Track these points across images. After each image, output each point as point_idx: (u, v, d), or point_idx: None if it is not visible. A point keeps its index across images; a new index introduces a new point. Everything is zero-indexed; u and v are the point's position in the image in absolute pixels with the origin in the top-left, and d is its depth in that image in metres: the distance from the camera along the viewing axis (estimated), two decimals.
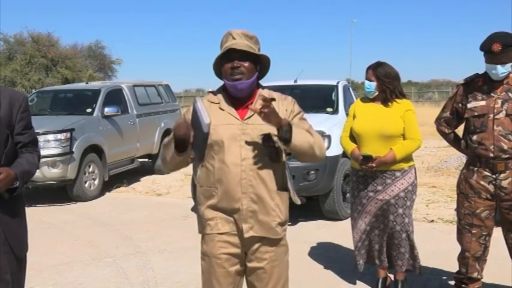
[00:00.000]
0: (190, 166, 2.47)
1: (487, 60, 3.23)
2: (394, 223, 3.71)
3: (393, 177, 3.68)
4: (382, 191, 3.69)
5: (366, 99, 3.88)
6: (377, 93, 3.75)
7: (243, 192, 2.29)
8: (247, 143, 2.29)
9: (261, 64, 2.38)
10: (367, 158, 3.61)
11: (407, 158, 3.72)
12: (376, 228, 3.82)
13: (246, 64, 2.29)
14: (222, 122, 2.32)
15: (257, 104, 2.28)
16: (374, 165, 3.62)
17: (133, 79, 10.51)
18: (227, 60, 2.30)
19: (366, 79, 3.80)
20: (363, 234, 3.85)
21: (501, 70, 3.18)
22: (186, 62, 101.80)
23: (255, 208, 2.31)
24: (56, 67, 31.46)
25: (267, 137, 2.28)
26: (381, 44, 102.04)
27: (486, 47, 3.18)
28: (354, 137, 3.86)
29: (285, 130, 2.20)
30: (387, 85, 3.71)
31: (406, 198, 3.69)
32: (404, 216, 3.70)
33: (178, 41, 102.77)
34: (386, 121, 3.67)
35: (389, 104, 3.73)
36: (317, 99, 7.28)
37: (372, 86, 3.75)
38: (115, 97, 8.93)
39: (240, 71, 2.28)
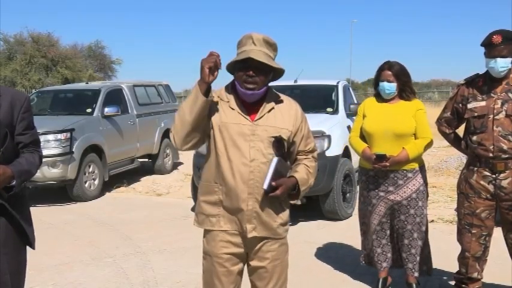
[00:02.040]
0: (190, 167, 2.46)
1: (487, 54, 3.22)
2: (405, 223, 3.68)
3: (405, 178, 3.64)
4: (394, 192, 3.65)
5: (377, 98, 3.80)
6: (396, 94, 3.70)
7: (250, 193, 2.29)
8: (257, 144, 2.29)
9: (274, 72, 2.37)
10: (381, 157, 3.56)
11: (419, 158, 3.68)
12: (386, 229, 3.80)
13: (261, 76, 2.28)
14: (232, 120, 2.32)
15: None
16: (388, 164, 3.56)
17: (133, 79, 10.51)
18: (243, 67, 2.27)
19: (383, 81, 3.66)
20: (373, 235, 3.83)
21: (501, 63, 3.17)
22: (186, 62, 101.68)
23: (259, 209, 2.31)
24: (56, 67, 31.42)
25: (277, 142, 2.29)
26: (381, 44, 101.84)
27: (487, 39, 3.18)
28: (363, 137, 3.80)
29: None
30: (408, 84, 3.67)
31: (417, 199, 3.66)
32: (415, 216, 3.67)
33: (178, 40, 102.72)
34: (399, 120, 3.63)
35: (404, 102, 3.68)
36: (317, 99, 7.29)
37: (392, 87, 3.65)
38: (115, 97, 8.92)
39: (253, 81, 2.27)
